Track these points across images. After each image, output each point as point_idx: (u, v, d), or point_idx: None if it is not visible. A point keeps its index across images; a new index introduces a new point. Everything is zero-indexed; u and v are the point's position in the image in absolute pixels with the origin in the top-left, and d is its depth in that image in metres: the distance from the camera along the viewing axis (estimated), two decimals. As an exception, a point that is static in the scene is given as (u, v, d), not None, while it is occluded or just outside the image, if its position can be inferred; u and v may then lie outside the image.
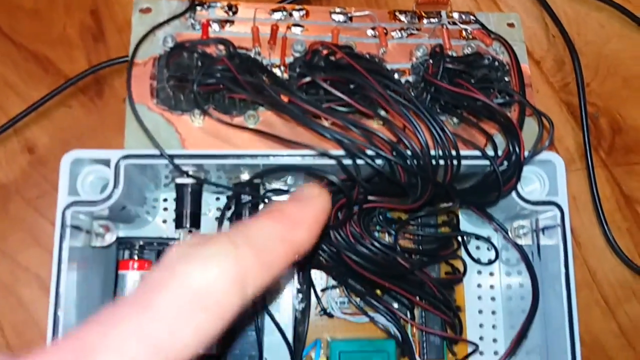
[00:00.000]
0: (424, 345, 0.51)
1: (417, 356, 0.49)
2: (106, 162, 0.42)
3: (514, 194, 0.44)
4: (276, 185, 0.50)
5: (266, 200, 0.49)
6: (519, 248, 0.47)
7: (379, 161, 0.42)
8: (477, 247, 0.55)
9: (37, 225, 0.56)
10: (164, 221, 0.54)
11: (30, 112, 0.56)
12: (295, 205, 0.30)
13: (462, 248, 0.53)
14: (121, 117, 0.57)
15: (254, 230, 0.27)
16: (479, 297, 0.55)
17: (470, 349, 0.51)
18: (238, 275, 0.24)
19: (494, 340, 0.54)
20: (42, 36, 0.61)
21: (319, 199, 0.31)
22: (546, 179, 0.45)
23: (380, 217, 0.49)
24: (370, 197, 0.46)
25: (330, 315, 0.51)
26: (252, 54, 0.48)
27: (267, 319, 0.50)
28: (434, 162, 0.42)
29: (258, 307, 0.48)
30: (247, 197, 0.47)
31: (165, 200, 0.54)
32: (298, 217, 0.29)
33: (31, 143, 0.58)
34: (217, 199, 0.55)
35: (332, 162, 0.43)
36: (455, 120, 0.48)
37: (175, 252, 0.25)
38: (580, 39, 0.63)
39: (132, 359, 0.21)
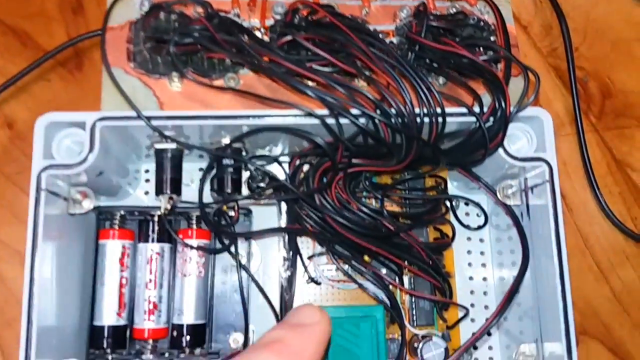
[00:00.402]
0: (414, 311, 0.50)
1: (406, 322, 0.48)
2: (82, 125, 0.41)
3: (500, 150, 0.43)
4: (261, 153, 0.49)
5: (249, 166, 0.48)
6: (508, 208, 0.46)
7: (362, 120, 0.41)
8: (467, 214, 0.54)
9: (17, 201, 0.55)
10: (146, 192, 0.53)
11: (9, 87, 0.55)
12: (295, 335, 0.30)
13: (451, 213, 0.52)
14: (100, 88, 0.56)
15: (290, 341, 0.28)
16: (469, 264, 0.54)
17: (460, 314, 0.50)
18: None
19: (486, 307, 0.53)
20: (20, 10, 0.60)
21: (319, 325, 0.31)
22: (533, 136, 0.45)
23: (367, 182, 0.48)
24: (354, 161, 0.45)
25: (317, 283, 0.51)
26: (231, 16, 0.47)
27: (252, 287, 0.49)
28: (418, 120, 0.41)
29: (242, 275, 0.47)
30: (229, 162, 0.46)
31: (147, 171, 0.53)
32: (300, 349, 0.29)
33: (10, 119, 0.57)
34: (200, 169, 0.53)
35: (316, 121, 0.42)
36: (441, 81, 0.47)
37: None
38: (568, 3, 0.62)
39: None
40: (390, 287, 0.48)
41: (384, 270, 0.49)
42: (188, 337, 0.46)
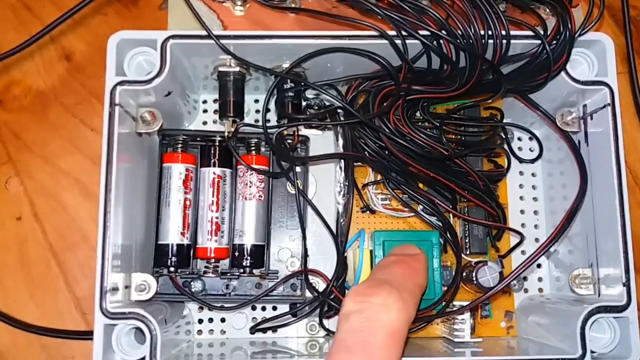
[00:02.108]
0: (467, 239, 0.50)
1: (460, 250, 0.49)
2: (152, 44, 0.42)
3: (563, 74, 0.44)
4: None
5: (307, 95, 0.48)
6: (566, 135, 0.47)
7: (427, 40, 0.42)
8: (520, 148, 0.54)
9: (77, 131, 0.56)
10: (204, 122, 0.54)
11: (66, 19, 0.56)
12: (411, 258, 0.40)
13: (506, 145, 0.52)
14: (157, 24, 0.57)
15: (397, 277, 0.37)
16: (521, 197, 0.54)
17: (514, 243, 0.51)
18: (407, 313, 0.33)
19: (536, 240, 0.54)
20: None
21: (422, 254, 0.42)
22: (594, 60, 0.45)
23: (424, 112, 0.49)
24: (415, 87, 0.46)
25: (372, 211, 0.51)
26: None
27: (309, 214, 0.50)
28: (483, 41, 0.42)
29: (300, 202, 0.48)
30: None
31: (204, 102, 0.54)
32: (417, 267, 0.39)
33: (68, 51, 0.58)
34: (256, 101, 0.54)
35: (378, 42, 0.42)
36: (502, 6, 0.47)
37: (354, 302, 0.34)
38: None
39: None
40: (445, 214, 0.49)
41: (438, 199, 0.49)
42: (249, 257, 0.47)
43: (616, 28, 0.60)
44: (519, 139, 0.55)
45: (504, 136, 0.52)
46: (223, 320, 0.51)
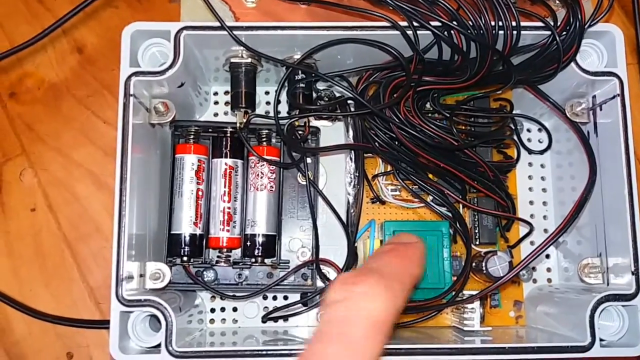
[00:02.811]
0: (477, 230, 0.51)
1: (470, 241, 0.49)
2: (166, 35, 0.43)
3: (573, 64, 0.44)
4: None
5: (318, 86, 0.49)
6: (575, 126, 0.47)
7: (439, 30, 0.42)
8: (529, 140, 0.55)
9: (89, 123, 0.57)
10: (215, 114, 0.54)
11: (78, 12, 0.56)
12: (405, 247, 0.38)
13: (515, 136, 0.53)
14: (168, 17, 0.58)
15: (388, 265, 0.35)
16: (530, 189, 0.55)
17: (523, 233, 0.51)
18: (394, 303, 0.32)
19: (545, 231, 0.54)
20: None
21: (419, 243, 0.39)
22: (604, 51, 0.45)
23: (434, 102, 0.49)
24: (425, 78, 0.46)
25: (382, 202, 0.52)
26: None
27: (319, 204, 0.50)
28: (493, 32, 0.42)
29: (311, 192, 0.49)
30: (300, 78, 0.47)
31: (215, 94, 0.55)
32: (413, 256, 0.37)
33: (80, 43, 0.59)
34: (267, 92, 0.55)
35: (389, 33, 0.43)
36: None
37: (338, 291, 0.32)
38: None
39: None
40: (455, 204, 0.49)
41: (448, 189, 0.50)
42: (260, 247, 0.47)
43: (626, 19, 0.60)
44: (529, 130, 0.55)
45: (513, 127, 0.52)
46: (235, 309, 0.52)
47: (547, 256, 0.54)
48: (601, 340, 0.42)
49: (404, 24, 0.42)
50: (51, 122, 0.57)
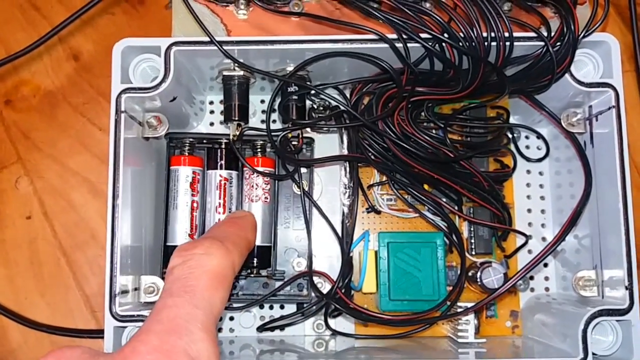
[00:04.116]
0: (473, 240, 0.51)
1: (465, 251, 0.49)
2: (156, 50, 0.42)
3: (567, 76, 0.43)
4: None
5: (312, 97, 0.49)
6: (571, 136, 0.47)
7: (430, 43, 0.42)
8: (527, 147, 0.54)
9: (85, 130, 0.57)
10: (211, 124, 0.54)
11: (74, 20, 0.56)
12: (238, 217, 0.45)
13: (512, 144, 0.52)
14: (163, 24, 0.58)
15: (223, 232, 0.41)
16: (528, 196, 0.54)
17: (519, 244, 0.51)
18: (230, 259, 0.36)
19: (543, 239, 0.54)
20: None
21: (250, 215, 0.46)
22: (600, 61, 0.44)
23: (429, 112, 0.49)
24: (418, 89, 0.46)
25: (377, 212, 0.52)
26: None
27: (314, 215, 0.50)
28: (486, 44, 0.41)
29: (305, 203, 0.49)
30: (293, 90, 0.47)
31: (211, 103, 0.54)
32: (243, 223, 0.44)
33: (76, 51, 0.59)
34: (262, 101, 0.55)
35: (380, 46, 0.42)
36: (506, 7, 0.46)
37: (179, 257, 0.36)
38: None
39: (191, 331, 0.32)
40: (450, 215, 0.49)
41: (444, 200, 0.50)
42: (256, 258, 0.47)
43: (623, 26, 0.59)
44: (527, 137, 0.54)
45: (510, 135, 0.52)
46: (232, 319, 0.52)
47: (546, 265, 0.53)
48: (594, 354, 0.41)
49: (394, 36, 0.42)
50: (47, 129, 0.57)
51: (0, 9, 0.60)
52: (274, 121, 0.52)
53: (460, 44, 0.41)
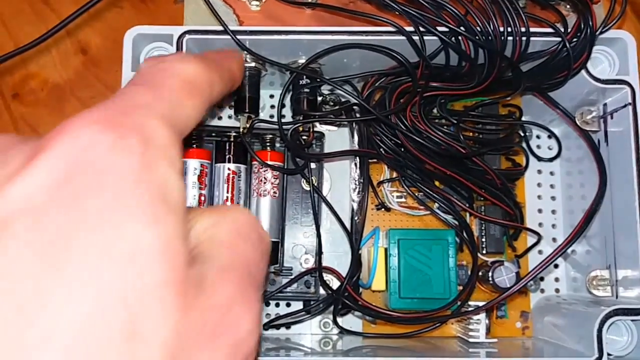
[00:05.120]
0: (484, 239, 0.50)
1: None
2: (168, 39, 0.42)
3: (583, 72, 0.43)
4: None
5: (324, 91, 0.48)
6: (585, 134, 0.46)
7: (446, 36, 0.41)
8: (538, 146, 0.54)
9: (93, 125, 0.56)
10: (219, 118, 0.54)
11: (82, 13, 0.55)
12: (227, 49, 0.41)
13: (524, 143, 0.52)
14: (172, 18, 0.57)
15: (206, 54, 0.35)
16: (539, 197, 0.53)
17: (530, 243, 0.50)
18: (207, 71, 0.29)
19: (554, 240, 0.53)
20: (92, -60, 0.60)
21: (240, 52, 0.42)
22: (616, 58, 0.44)
23: (441, 108, 0.48)
24: (432, 84, 0.45)
25: (387, 209, 0.51)
26: None
27: (323, 211, 0.50)
28: (502, 38, 0.41)
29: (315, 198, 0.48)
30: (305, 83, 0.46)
31: (219, 97, 0.54)
32: (231, 55, 0.36)
33: (84, 44, 0.58)
34: (271, 96, 0.54)
35: (395, 38, 0.42)
36: (522, 3, 0.46)
37: (149, 60, 0.29)
38: None
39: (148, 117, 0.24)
40: (461, 212, 0.49)
41: (454, 197, 0.49)
42: (263, 254, 0.47)
43: (639, 24, 0.59)
44: (538, 136, 0.54)
45: (522, 134, 0.51)
46: (237, 316, 0.51)
47: (556, 266, 0.52)
48: (609, 355, 0.41)
49: (410, 29, 0.41)
50: (55, 123, 0.55)
51: (9, 2, 0.59)
52: (283, 116, 0.51)
53: (477, 37, 0.41)
